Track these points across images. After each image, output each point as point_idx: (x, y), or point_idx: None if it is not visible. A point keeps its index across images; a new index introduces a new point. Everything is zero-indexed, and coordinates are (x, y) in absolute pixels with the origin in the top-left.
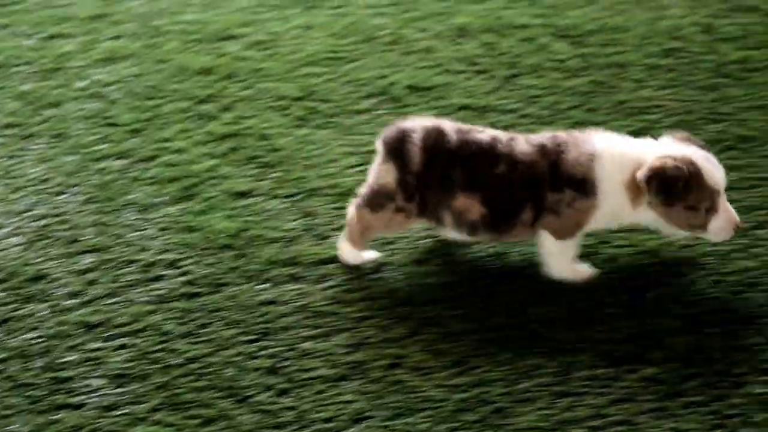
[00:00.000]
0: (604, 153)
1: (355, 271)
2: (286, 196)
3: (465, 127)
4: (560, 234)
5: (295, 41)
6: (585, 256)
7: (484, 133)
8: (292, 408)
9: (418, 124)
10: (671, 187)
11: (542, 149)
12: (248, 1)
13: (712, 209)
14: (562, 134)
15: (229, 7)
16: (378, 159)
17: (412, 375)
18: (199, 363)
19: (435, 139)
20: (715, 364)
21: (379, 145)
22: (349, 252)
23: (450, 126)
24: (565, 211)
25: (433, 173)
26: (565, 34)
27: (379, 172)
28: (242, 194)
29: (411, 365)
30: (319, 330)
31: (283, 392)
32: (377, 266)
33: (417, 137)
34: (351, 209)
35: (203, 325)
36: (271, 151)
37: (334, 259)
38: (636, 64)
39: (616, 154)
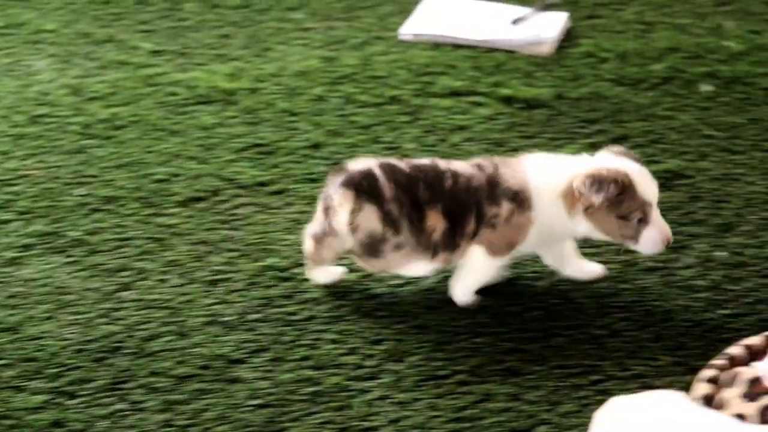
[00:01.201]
0: (536, 167)
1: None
2: None
3: (401, 159)
4: (494, 250)
5: None
6: None
7: (422, 159)
8: None
9: (367, 162)
10: (606, 186)
11: (478, 166)
12: None
13: (644, 221)
14: (494, 157)
15: None
16: (348, 208)
17: None
18: None
19: (392, 168)
20: None
21: (344, 192)
22: (414, 268)
23: (391, 159)
24: (502, 226)
25: (404, 195)
26: None
27: (360, 222)
28: None
29: None
30: None
31: None
32: None
33: (378, 172)
34: (360, 262)
35: None
36: None
37: None
38: (3, 135)
39: (549, 167)
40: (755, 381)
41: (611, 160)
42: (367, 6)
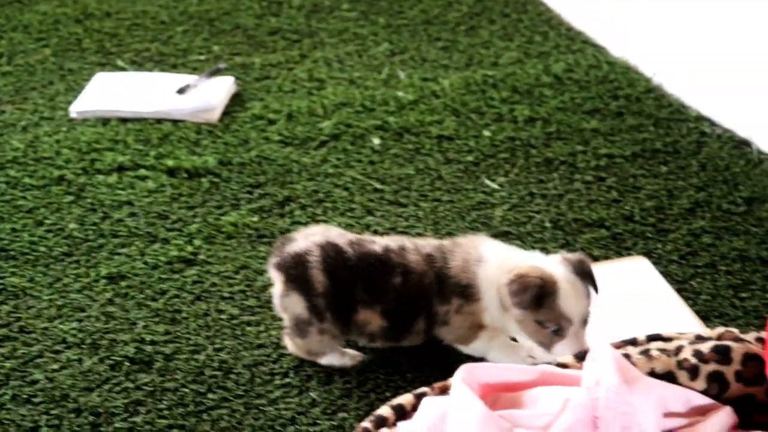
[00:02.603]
0: (489, 258)
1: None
2: None
3: (354, 237)
4: (462, 341)
5: None
6: None
7: (375, 244)
8: None
9: (310, 242)
10: (524, 293)
11: (429, 258)
12: None
13: (558, 334)
14: (447, 243)
15: None
16: (279, 291)
17: None
18: None
19: (333, 256)
20: None
21: (275, 274)
22: (331, 360)
23: (342, 239)
24: (454, 318)
25: (338, 291)
26: None
27: (288, 306)
28: None
29: None
30: None
31: None
32: None
33: (315, 259)
34: (286, 341)
35: None
36: None
37: None
38: None
39: (499, 259)
40: None
41: (554, 264)
42: (36, 87)
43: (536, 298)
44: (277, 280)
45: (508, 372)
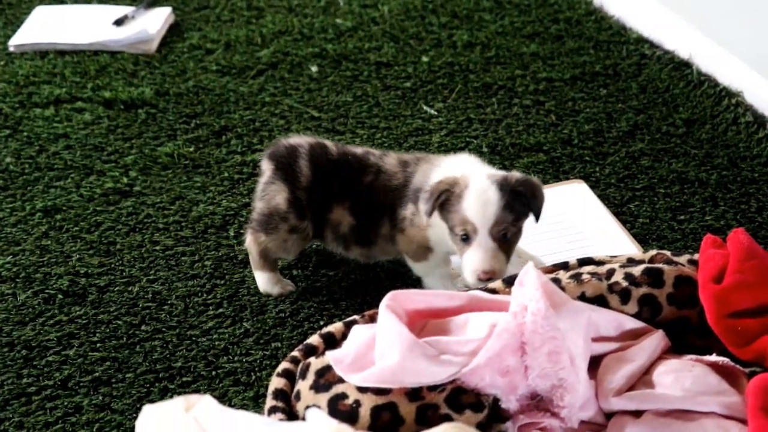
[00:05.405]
0: (446, 167)
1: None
2: None
3: (340, 144)
4: (412, 256)
5: None
6: None
7: (358, 148)
8: None
9: (302, 140)
10: (430, 198)
11: (404, 164)
12: None
13: (467, 240)
14: (432, 156)
15: None
16: (265, 178)
17: None
18: None
19: (320, 152)
20: None
21: (266, 164)
22: (265, 281)
23: (329, 142)
24: (408, 229)
25: (318, 187)
26: None
27: (268, 194)
28: None
29: None
30: None
31: None
32: None
33: (304, 152)
34: (247, 235)
35: None
36: None
37: None
38: None
39: (450, 168)
40: (324, 371)
41: (478, 174)
42: None
43: (440, 202)
44: (266, 168)
45: (435, 298)
